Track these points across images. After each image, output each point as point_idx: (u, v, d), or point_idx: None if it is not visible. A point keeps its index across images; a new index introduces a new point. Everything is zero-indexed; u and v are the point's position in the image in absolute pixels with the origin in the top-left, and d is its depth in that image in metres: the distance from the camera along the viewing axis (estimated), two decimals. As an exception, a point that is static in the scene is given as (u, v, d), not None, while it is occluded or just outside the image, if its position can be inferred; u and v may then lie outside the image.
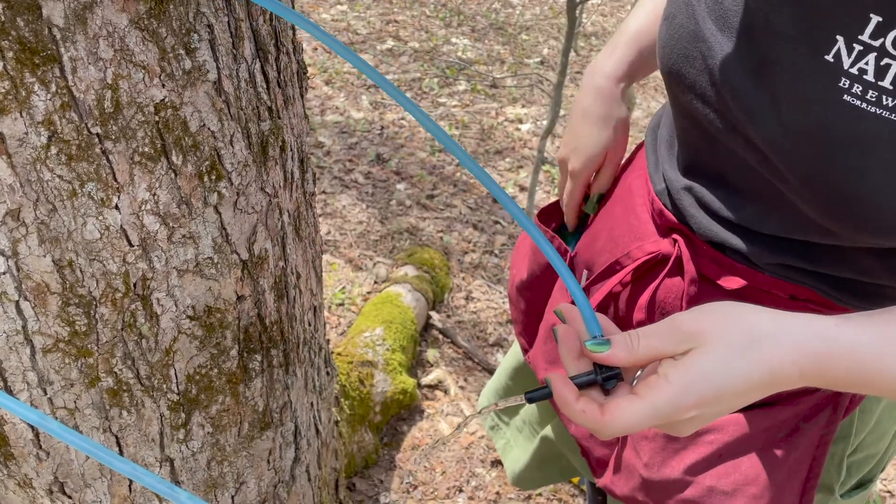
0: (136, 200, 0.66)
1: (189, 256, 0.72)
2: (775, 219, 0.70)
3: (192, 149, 0.68)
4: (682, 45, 0.70)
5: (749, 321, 0.54)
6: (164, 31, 0.61)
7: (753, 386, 0.54)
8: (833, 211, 0.63)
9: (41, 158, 0.59)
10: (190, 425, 0.82)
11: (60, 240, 0.63)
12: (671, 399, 0.52)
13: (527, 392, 0.58)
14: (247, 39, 0.70)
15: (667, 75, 0.74)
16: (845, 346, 0.54)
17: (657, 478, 0.83)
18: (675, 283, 0.80)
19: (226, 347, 0.81)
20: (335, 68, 3.59)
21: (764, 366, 0.53)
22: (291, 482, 1.04)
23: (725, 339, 0.53)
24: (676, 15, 0.71)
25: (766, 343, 0.53)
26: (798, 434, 0.78)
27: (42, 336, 0.68)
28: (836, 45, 0.58)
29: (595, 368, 0.57)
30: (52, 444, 0.75)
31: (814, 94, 0.60)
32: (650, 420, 0.53)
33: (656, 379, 0.54)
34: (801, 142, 0.62)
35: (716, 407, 0.54)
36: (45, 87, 0.57)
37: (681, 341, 0.54)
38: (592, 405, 0.54)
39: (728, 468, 0.79)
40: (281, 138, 0.80)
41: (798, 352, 0.53)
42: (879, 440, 0.85)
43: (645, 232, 0.85)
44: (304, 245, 0.92)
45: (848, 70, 0.58)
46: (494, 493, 1.85)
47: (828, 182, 0.61)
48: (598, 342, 0.55)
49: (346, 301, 2.32)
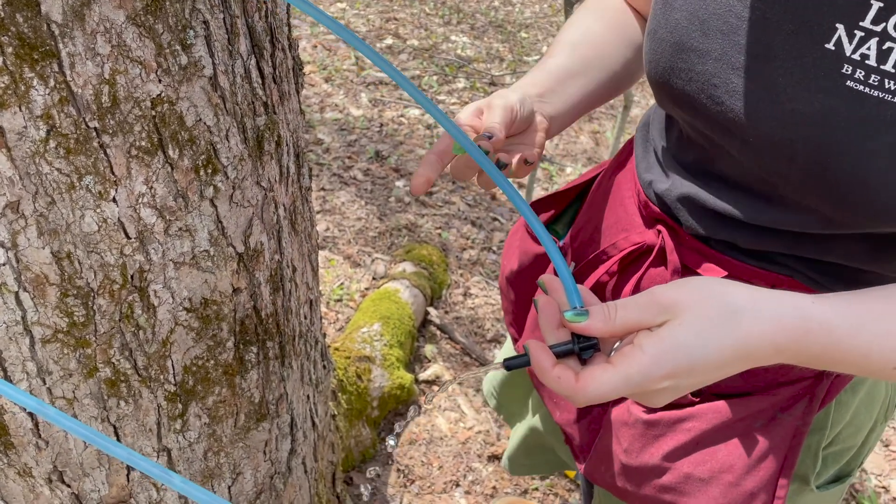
0: (134, 193, 0.67)
1: (185, 249, 0.73)
2: (768, 214, 0.71)
3: (189, 143, 0.69)
4: (667, 58, 0.71)
5: (727, 295, 0.55)
6: (161, 28, 0.62)
7: (727, 359, 0.55)
8: (836, 197, 0.64)
9: (40, 152, 0.60)
10: (187, 416, 0.84)
11: (59, 232, 0.65)
12: (644, 368, 0.53)
13: (505, 359, 0.60)
14: (242, 36, 0.71)
15: (656, 88, 0.76)
16: (822, 322, 0.55)
17: (636, 463, 0.85)
18: (658, 272, 0.82)
19: (222, 339, 0.82)
20: (335, 66, 3.60)
21: (740, 339, 0.54)
22: (288, 474, 1.05)
23: (702, 311, 0.54)
24: (657, 29, 0.73)
25: (743, 316, 0.54)
26: (775, 423, 0.79)
27: (41, 327, 0.69)
28: (836, 33, 0.59)
29: (573, 338, 0.58)
30: (52, 433, 0.77)
31: (816, 83, 0.61)
32: (622, 388, 0.54)
33: (631, 349, 0.55)
34: (803, 131, 0.63)
35: (689, 378, 0.55)
36: (44, 81, 0.58)
37: (657, 313, 0.55)
38: (568, 372, 0.56)
39: (705, 455, 0.81)
40: (276, 133, 0.81)
41: (775, 327, 0.54)
42: (856, 433, 0.86)
43: (631, 223, 0.86)
44: (299, 239, 0.94)
45: (850, 56, 0.59)
46: (491, 487, 1.87)
47: (832, 168, 0.62)
48: (577, 312, 0.57)
49: (345, 297, 2.33)
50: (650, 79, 0.76)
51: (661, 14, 0.72)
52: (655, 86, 0.76)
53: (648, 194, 0.84)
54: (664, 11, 0.72)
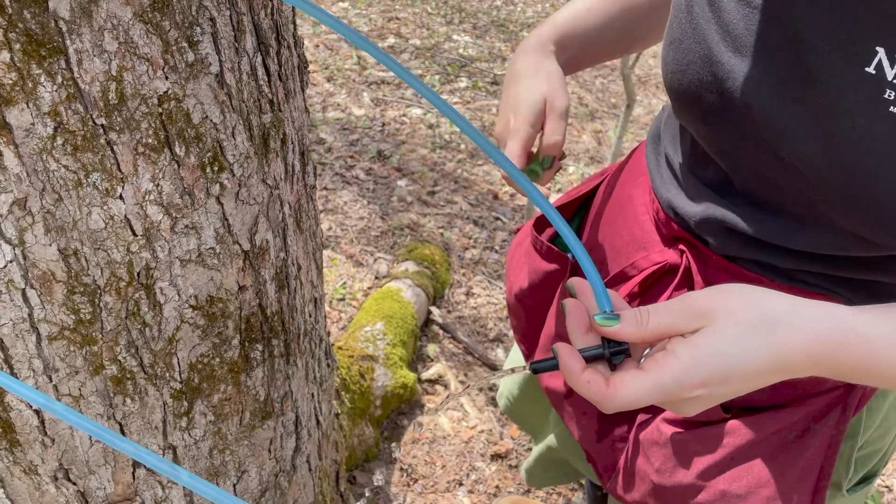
0: (140, 191, 0.67)
1: (192, 246, 0.73)
2: (805, 235, 0.69)
3: (195, 140, 0.69)
4: (694, 70, 0.68)
5: (765, 303, 0.53)
6: (168, 24, 0.62)
7: (762, 369, 0.52)
8: (876, 224, 0.62)
9: (47, 149, 0.60)
10: (192, 414, 0.84)
11: (66, 229, 0.65)
12: (677, 375, 0.52)
13: (532, 362, 0.58)
14: (248, 33, 0.71)
15: (678, 100, 0.73)
16: (861, 334, 0.53)
17: (669, 483, 0.83)
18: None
19: (228, 337, 0.82)
20: (337, 65, 3.60)
21: (776, 349, 0.52)
22: (292, 472, 1.05)
23: (739, 318, 0.52)
24: (683, 39, 0.70)
25: (780, 325, 0.52)
26: (809, 435, 0.77)
27: (48, 324, 0.69)
28: (876, 57, 0.57)
29: (603, 343, 0.56)
30: (58, 430, 0.77)
31: (857, 107, 0.58)
32: (655, 395, 0.52)
33: (664, 355, 0.53)
34: (843, 156, 0.60)
35: (723, 388, 0.53)
36: (52, 78, 0.58)
37: (692, 318, 0.53)
38: (598, 376, 0.54)
39: (740, 471, 0.78)
40: (282, 131, 0.81)
41: (812, 337, 0.52)
42: (884, 436, 0.85)
43: (649, 241, 0.84)
44: (304, 237, 0.94)
45: (892, 81, 0.56)
46: (494, 486, 1.87)
47: (873, 195, 0.60)
48: (608, 316, 0.55)
49: (347, 296, 2.34)
50: (671, 89, 0.73)
51: (686, 24, 0.69)
52: (680, 98, 0.72)
53: (668, 212, 0.80)
54: (690, 21, 0.68)
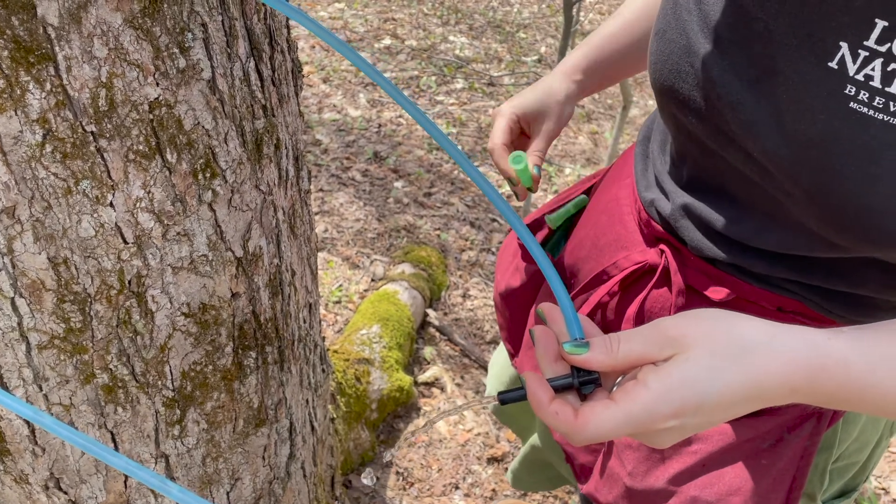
0: (131, 198, 0.66)
1: (184, 254, 0.73)
2: (775, 235, 0.69)
3: (187, 147, 0.68)
4: (674, 61, 0.69)
5: (739, 330, 0.52)
6: (158, 30, 0.61)
7: (738, 398, 0.51)
8: (839, 222, 0.61)
9: (36, 156, 0.59)
10: (185, 422, 0.83)
11: (55, 237, 0.64)
12: (648, 405, 0.50)
13: (500, 392, 0.57)
14: (241, 38, 0.71)
15: (659, 91, 0.73)
16: (838, 358, 0.51)
17: (641, 487, 0.82)
18: (662, 294, 0.79)
19: (220, 344, 0.81)
20: (333, 66, 3.59)
21: (751, 377, 0.50)
22: (287, 479, 1.05)
23: (712, 346, 0.51)
24: (666, 30, 0.70)
25: (756, 352, 0.51)
26: (782, 444, 0.77)
27: (37, 333, 0.68)
28: (840, 52, 0.56)
29: (572, 372, 0.54)
30: (48, 440, 0.76)
31: (819, 102, 0.58)
32: (625, 427, 0.51)
33: (634, 384, 0.51)
34: (806, 152, 0.60)
35: (696, 418, 0.51)
36: (40, 85, 0.57)
37: (663, 346, 0.52)
38: (566, 408, 0.52)
39: (712, 478, 0.78)
40: (275, 136, 0.80)
41: (791, 364, 0.51)
42: (862, 449, 0.85)
43: (631, 241, 0.84)
44: (298, 243, 0.93)
45: (853, 77, 0.56)
46: (490, 489, 1.86)
47: (834, 192, 0.60)
48: (577, 344, 0.53)
49: (343, 299, 2.33)
50: (654, 80, 0.74)
51: (671, 15, 0.70)
52: (660, 88, 0.73)
53: (650, 212, 0.81)
54: (675, 12, 0.69)
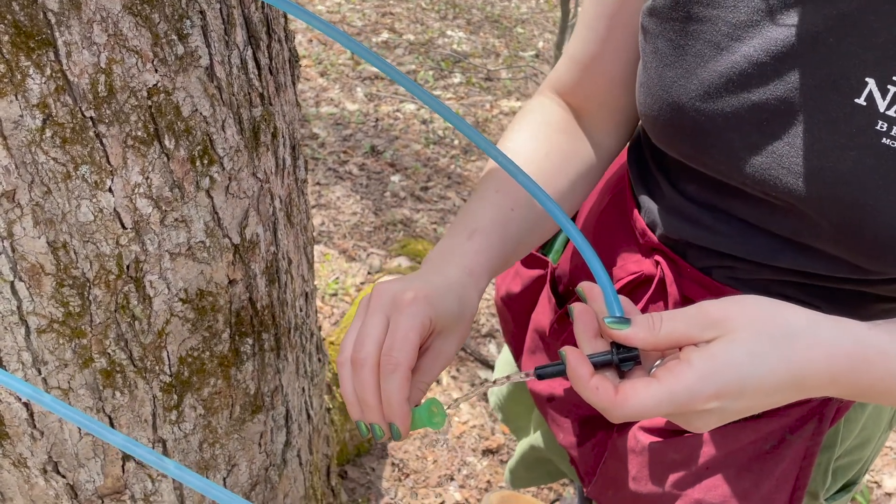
0: (130, 184, 0.67)
1: (181, 240, 0.73)
2: (790, 255, 0.68)
3: (185, 133, 0.69)
4: (667, 118, 0.67)
5: (784, 315, 0.51)
6: (157, 17, 0.62)
7: (780, 384, 0.50)
8: (873, 253, 0.60)
9: (36, 141, 0.60)
10: (182, 407, 0.84)
11: (55, 221, 0.65)
12: (691, 385, 0.49)
13: (537, 367, 0.56)
14: (239, 26, 0.71)
15: (656, 139, 0.71)
16: (880, 350, 0.51)
17: (645, 491, 0.82)
18: (658, 308, 0.78)
19: (217, 331, 0.82)
20: (330, 60, 3.59)
21: (795, 363, 0.50)
22: (283, 466, 1.05)
23: (757, 329, 0.50)
24: (649, 84, 0.68)
25: (801, 339, 0.50)
26: (784, 445, 0.77)
27: (37, 316, 0.69)
28: (866, 88, 0.56)
29: (612, 349, 0.54)
30: (47, 423, 0.77)
31: (847, 139, 0.57)
32: (666, 405, 0.50)
33: (678, 363, 0.50)
34: (834, 190, 0.59)
35: (738, 402, 0.51)
36: (40, 70, 0.58)
37: (707, 327, 0.51)
38: (606, 383, 0.51)
39: (715, 481, 0.78)
40: (273, 125, 0.81)
41: (834, 353, 0.50)
42: (864, 446, 0.85)
43: (627, 251, 0.83)
44: (295, 231, 0.94)
45: (884, 112, 0.55)
46: (485, 481, 1.87)
47: (868, 226, 0.59)
48: (618, 320, 0.52)
49: (340, 291, 2.34)
50: (647, 128, 0.72)
51: (652, 67, 0.68)
52: (654, 138, 0.71)
53: (647, 222, 0.79)
54: (657, 67, 0.67)
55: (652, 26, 0.67)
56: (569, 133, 0.77)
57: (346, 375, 0.57)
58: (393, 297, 0.58)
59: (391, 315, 0.57)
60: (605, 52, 0.73)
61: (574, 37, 0.77)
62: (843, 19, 0.56)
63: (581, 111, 0.79)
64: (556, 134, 0.77)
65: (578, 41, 0.76)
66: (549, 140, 0.76)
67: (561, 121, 0.78)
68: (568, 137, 0.77)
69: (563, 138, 0.77)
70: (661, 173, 0.78)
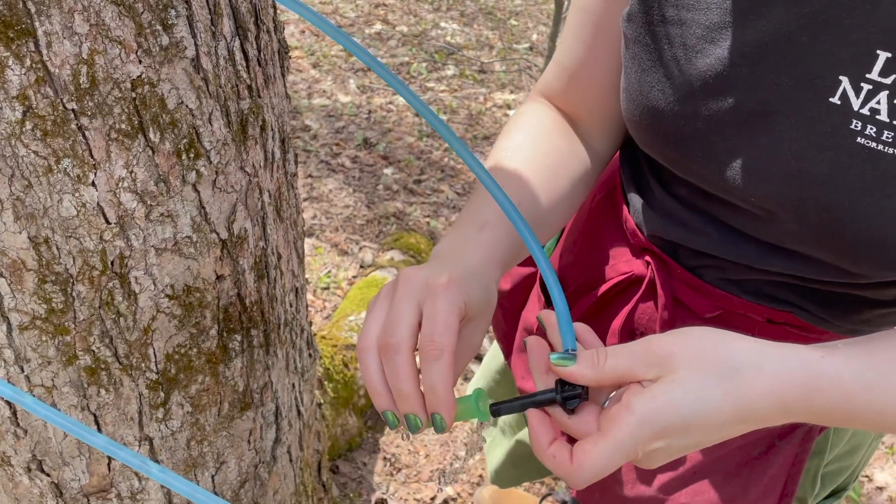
0: (113, 178, 0.65)
1: (167, 235, 0.72)
2: (778, 259, 0.67)
3: (170, 126, 0.67)
4: (647, 123, 0.67)
5: (728, 349, 0.50)
6: (141, 6, 0.60)
7: (727, 420, 0.49)
8: (853, 255, 0.60)
9: (16, 134, 0.59)
10: (169, 404, 0.82)
11: (36, 216, 0.63)
12: (633, 430, 0.48)
13: (492, 404, 0.54)
14: (226, 16, 0.70)
15: (641, 145, 0.71)
16: (833, 377, 0.50)
17: (632, 494, 0.82)
18: (648, 307, 0.78)
19: (205, 327, 0.81)
20: (323, 52, 3.57)
21: (740, 399, 0.49)
22: (272, 462, 1.04)
23: (701, 366, 0.49)
24: (629, 90, 0.68)
25: (745, 373, 0.49)
26: (773, 452, 0.76)
27: (19, 313, 0.67)
28: (840, 86, 0.55)
29: (556, 386, 0.52)
30: (30, 421, 0.75)
31: (823, 139, 0.57)
32: (617, 457, 0.49)
33: (619, 409, 0.49)
34: (813, 191, 0.58)
35: (684, 439, 0.50)
36: (20, 61, 0.56)
37: (650, 364, 0.50)
38: (563, 451, 0.50)
39: (703, 486, 0.77)
40: (261, 117, 0.79)
41: (784, 385, 0.49)
42: (853, 452, 0.84)
43: (618, 251, 0.82)
44: (285, 226, 0.92)
45: (858, 111, 0.55)
46: (477, 476, 1.87)
47: (847, 228, 0.58)
48: (563, 356, 0.51)
49: (332, 285, 2.32)
50: (632, 134, 0.71)
51: (632, 73, 0.67)
52: (640, 143, 0.70)
53: (637, 222, 0.79)
54: (636, 72, 0.66)
55: (630, 32, 0.67)
56: (565, 135, 0.77)
57: (372, 363, 0.54)
58: (425, 281, 0.55)
59: (425, 300, 0.55)
60: (592, 59, 0.73)
61: (561, 43, 0.77)
62: (815, 17, 0.55)
63: (572, 116, 0.78)
64: (553, 135, 0.76)
65: (565, 48, 0.75)
66: (547, 140, 0.75)
67: (557, 122, 0.77)
68: (565, 138, 0.77)
69: (561, 139, 0.76)
70: (652, 175, 0.77)
